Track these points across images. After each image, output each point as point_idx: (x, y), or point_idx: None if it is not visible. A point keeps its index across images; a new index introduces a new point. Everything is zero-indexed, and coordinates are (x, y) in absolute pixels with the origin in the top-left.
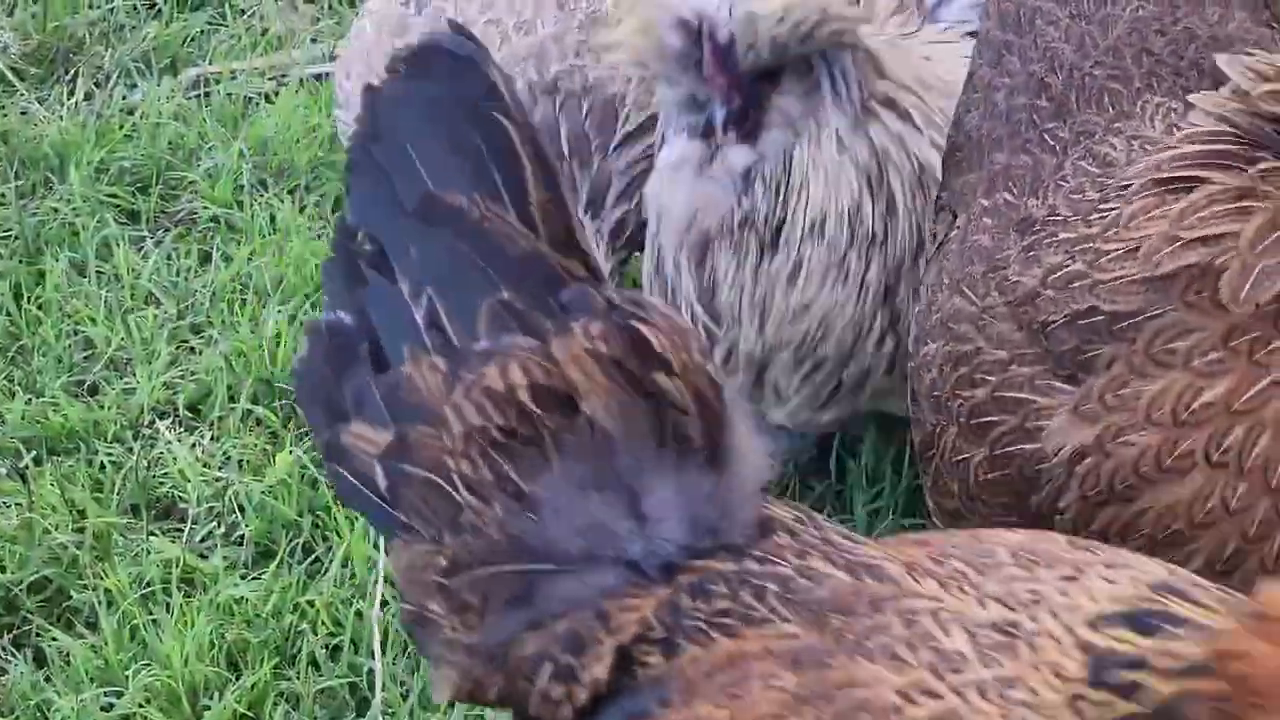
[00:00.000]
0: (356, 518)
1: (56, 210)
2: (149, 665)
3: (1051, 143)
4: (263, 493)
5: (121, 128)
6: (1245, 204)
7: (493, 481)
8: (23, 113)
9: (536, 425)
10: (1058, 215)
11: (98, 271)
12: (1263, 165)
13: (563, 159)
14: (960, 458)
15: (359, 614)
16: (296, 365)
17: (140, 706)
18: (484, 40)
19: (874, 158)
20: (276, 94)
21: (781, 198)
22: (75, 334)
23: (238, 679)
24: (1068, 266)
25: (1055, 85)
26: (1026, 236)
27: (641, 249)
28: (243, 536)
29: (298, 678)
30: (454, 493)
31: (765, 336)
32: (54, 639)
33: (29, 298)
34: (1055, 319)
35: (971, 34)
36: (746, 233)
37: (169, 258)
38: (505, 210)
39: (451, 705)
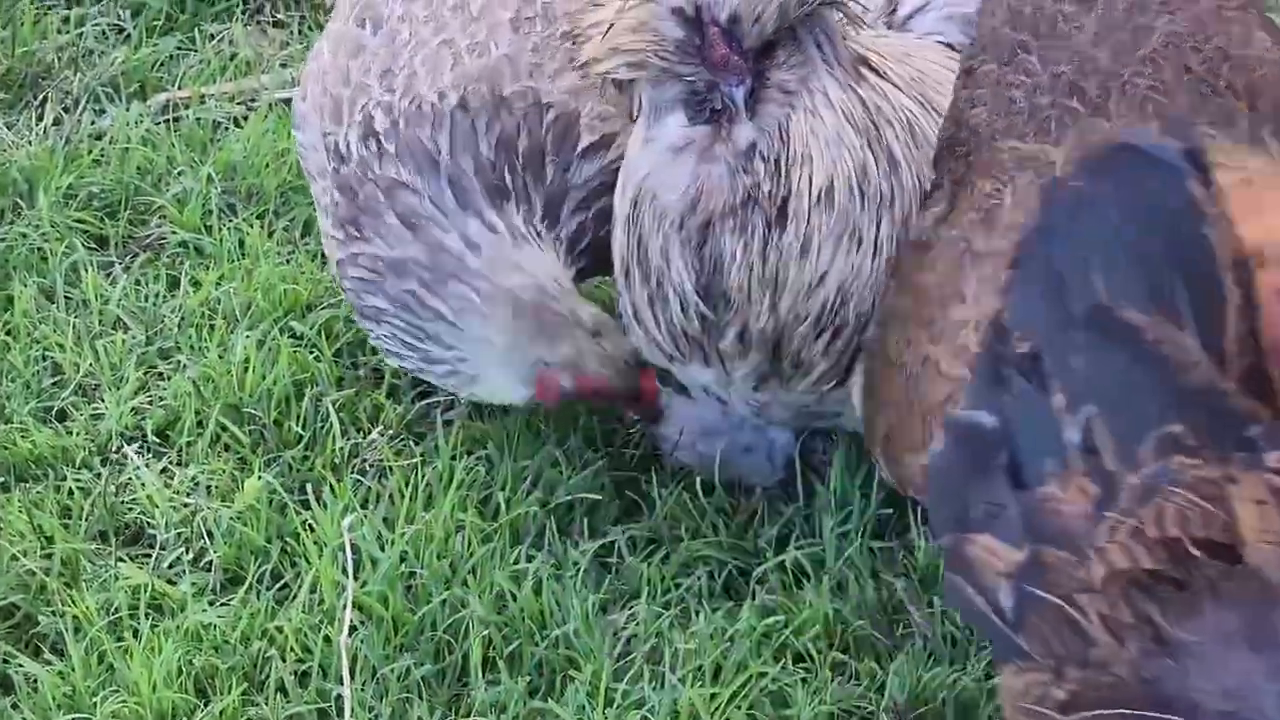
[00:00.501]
0: (325, 543)
1: (24, 236)
2: (117, 692)
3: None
4: (231, 518)
5: (90, 153)
6: None
7: (1132, 622)
8: None
9: (1191, 570)
10: None
11: (66, 297)
12: None
13: (515, 172)
14: None
15: (328, 640)
16: (935, 460)
17: None
18: (437, 61)
19: (869, 116)
20: (245, 119)
21: (784, 171)
22: (43, 360)
23: (206, 706)
24: None
25: (1090, 90)
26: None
27: (602, 266)
28: (211, 562)
29: (266, 704)
30: (1087, 626)
31: (780, 312)
32: (21, 666)
33: None
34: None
35: (945, 44)
36: (751, 211)
37: (137, 283)
38: (1188, 336)
39: None
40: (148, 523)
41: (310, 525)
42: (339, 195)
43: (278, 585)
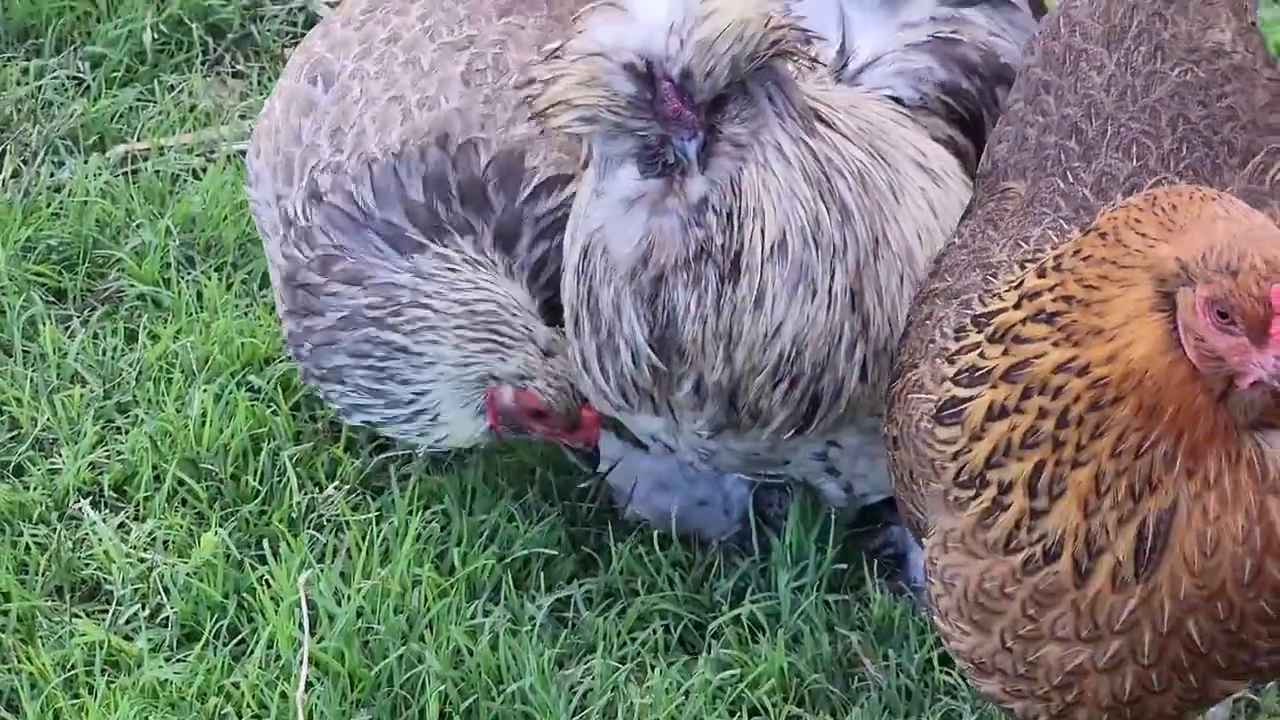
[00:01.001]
0: (282, 598)
1: None
2: None
3: (1068, 183)
4: (188, 574)
5: (49, 205)
6: None
7: None
8: None
9: None
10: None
11: (24, 350)
12: None
13: (452, 209)
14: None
15: (284, 696)
16: None
17: None
18: (386, 118)
19: (821, 168)
20: (204, 170)
21: (736, 224)
22: (1, 414)
23: None
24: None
25: (1089, 131)
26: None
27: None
28: (168, 618)
29: None
30: None
31: (735, 365)
32: None
33: None
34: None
35: (894, 99)
36: (704, 265)
37: (95, 336)
38: None
39: None
40: (104, 578)
41: (267, 580)
42: (286, 263)
43: (234, 641)
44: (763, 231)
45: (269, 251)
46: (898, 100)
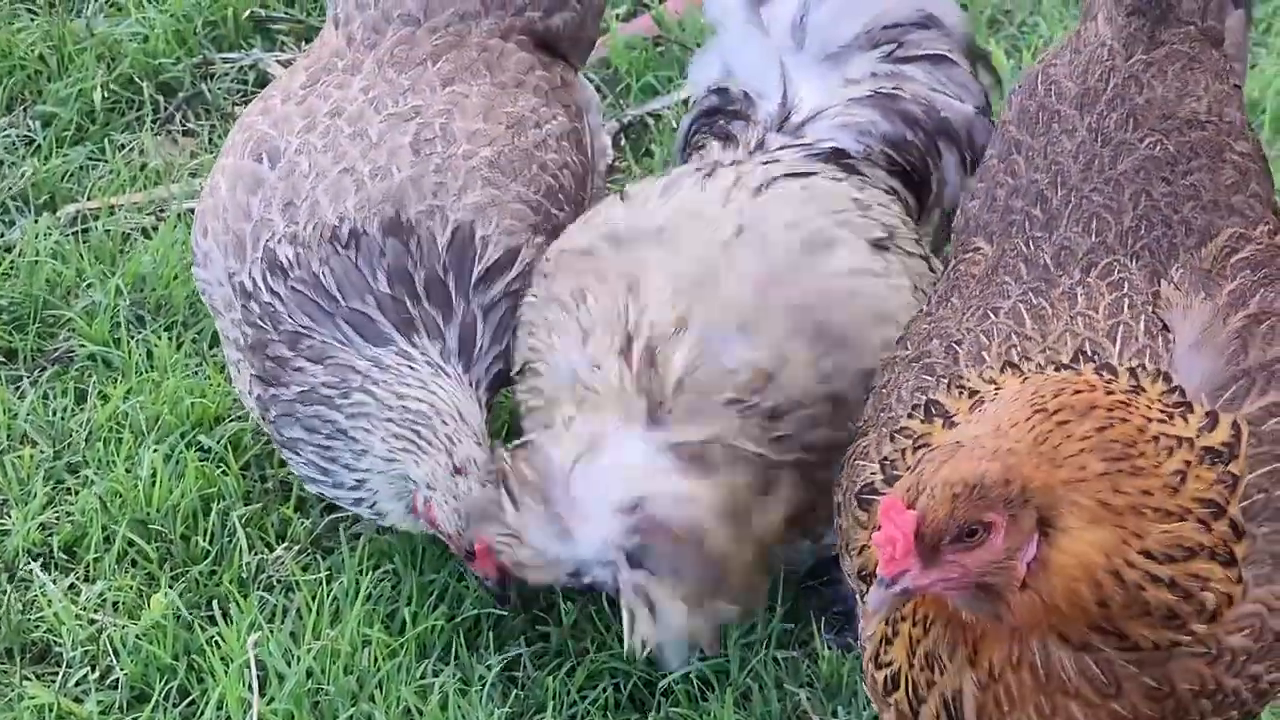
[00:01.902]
0: (231, 659)
1: None
2: None
3: (1030, 250)
4: (138, 636)
5: None
6: None
7: None
8: None
9: None
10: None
11: None
12: None
13: (420, 304)
14: None
15: None
16: None
17: None
18: (339, 190)
19: None
20: (155, 229)
21: None
22: None
23: None
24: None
25: (1053, 200)
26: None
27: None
28: (118, 680)
29: None
30: None
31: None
32: None
33: None
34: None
35: (837, 150)
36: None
37: (45, 397)
38: None
39: None
40: (54, 640)
41: (217, 641)
42: (252, 332)
43: (184, 702)
44: None
45: (222, 328)
46: (841, 151)
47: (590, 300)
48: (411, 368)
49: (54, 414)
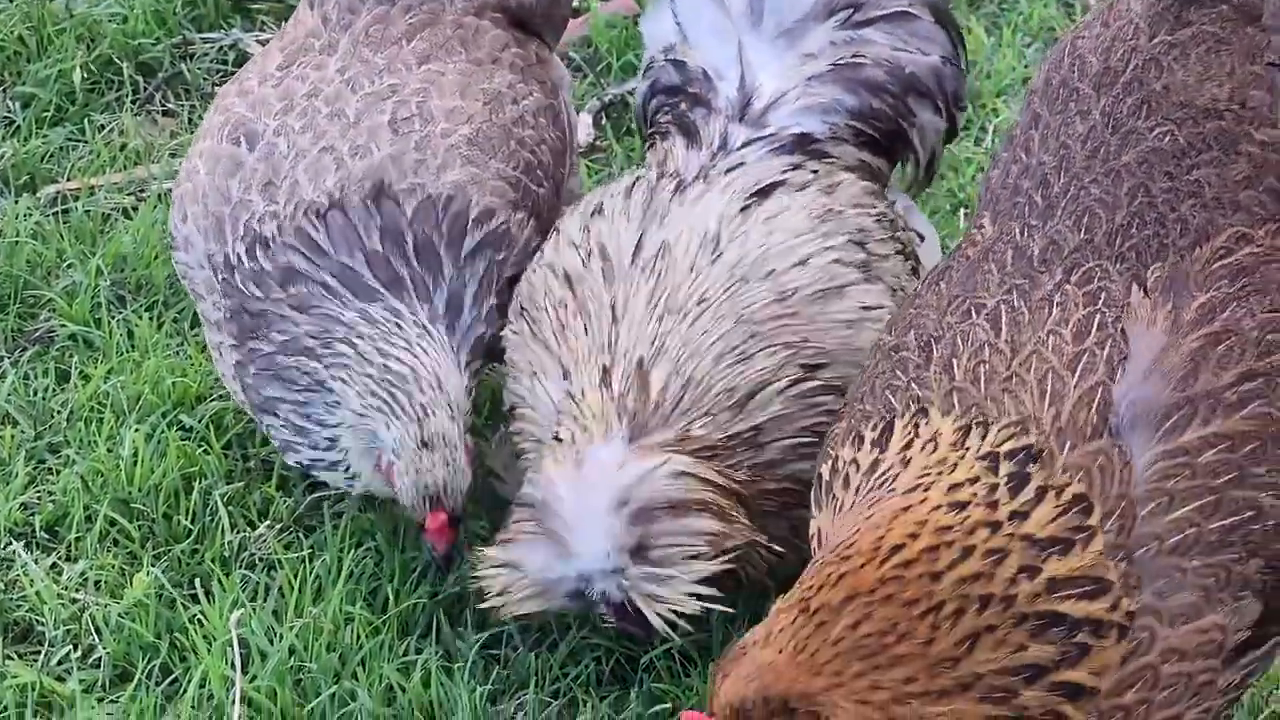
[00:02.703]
0: (214, 637)
1: None
2: None
3: (1024, 239)
4: (120, 614)
5: None
6: None
7: None
8: None
9: None
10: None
11: None
12: None
13: (411, 265)
14: None
15: None
16: None
17: None
18: (319, 169)
19: None
20: (135, 209)
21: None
22: None
23: None
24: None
25: (1054, 187)
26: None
27: (496, 359)
28: (100, 659)
29: None
30: None
31: None
32: None
33: None
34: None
35: (802, 136)
36: None
37: (26, 377)
38: None
39: None
40: (36, 620)
41: (199, 620)
42: (227, 301)
43: (167, 680)
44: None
45: (203, 311)
46: (807, 136)
47: (571, 338)
48: (399, 326)
49: (35, 394)
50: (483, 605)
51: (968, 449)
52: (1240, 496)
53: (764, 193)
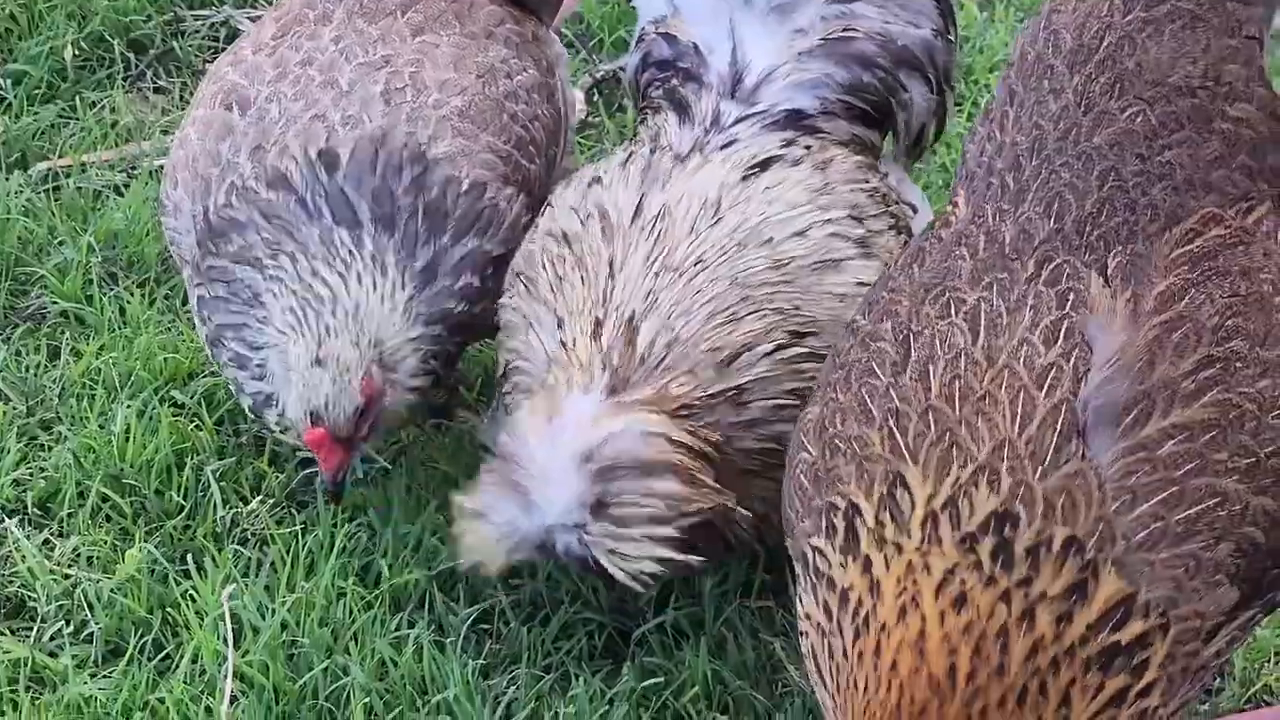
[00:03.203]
0: (206, 612)
1: None
2: None
3: (995, 223)
4: (112, 590)
5: None
6: None
7: None
8: None
9: None
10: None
11: None
12: None
13: (414, 216)
14: None
15: (209, 711)
16: None
17: None
18: (310, 135)
19: None
20: (126, 187)
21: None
22: None
23: None
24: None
25: (1026, 170)
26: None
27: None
28: (92, 634)
29: None
30: None
31: None
32: None
33: None
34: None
35: (794, 113)
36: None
37: (18, 354)
38: None
39: None
40: (28, 595)
41: (191, 595)
42: (208, 259)
43: (159, 656)
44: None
45: (187, 276)
46: (799, 113)
47: (568, 289)
48: (352, 255)
49: (27, 371)
50: (457, 559)
51: (940, 539)
52: (1203, 484)
53: (764, 165)
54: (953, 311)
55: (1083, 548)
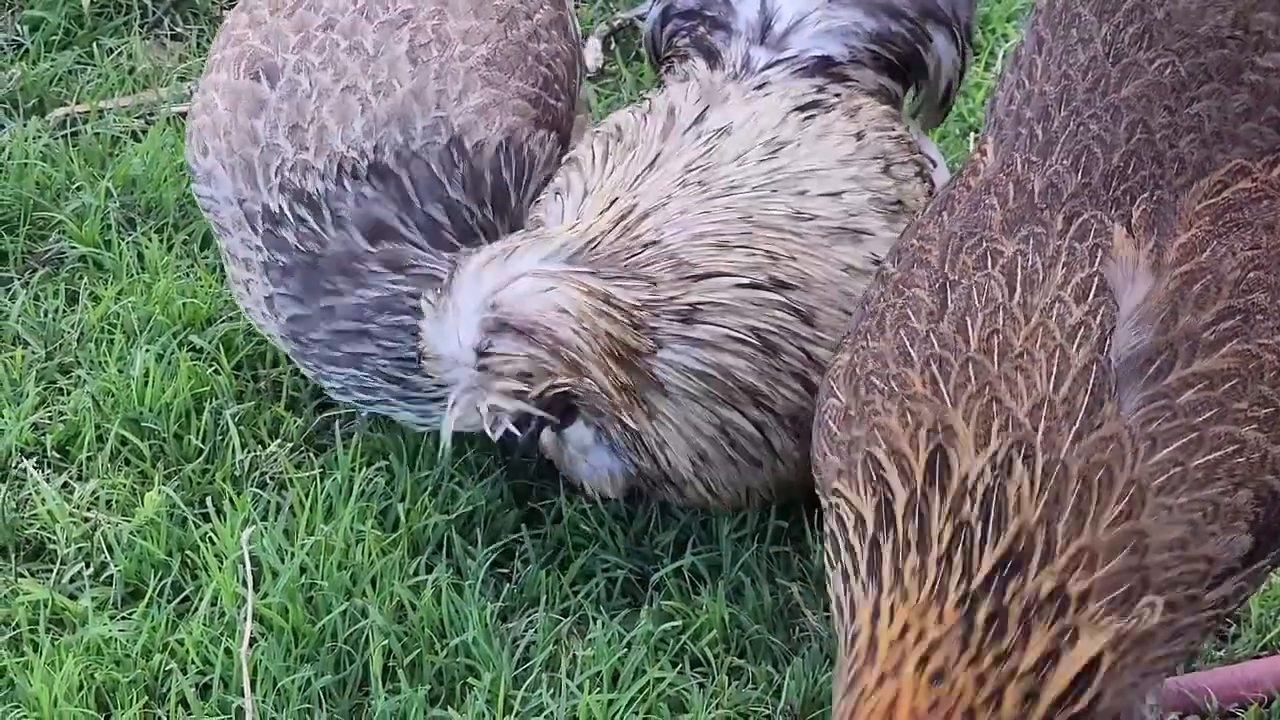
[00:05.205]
0: (225, 555)
1: None
2: (18, 707)
3: (1024, 173)
4: (132, 533)
5: None
6: None
7: None
8: None
9: None
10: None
11: None
12: None
13: (482, 204)
14: None
15: (229, 652)
16: None
17: None
18: (345, 111)
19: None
20: (144, 132)
21: (651, 457)
22: None
23: (107, 719)
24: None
25: (1055, 120)
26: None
27: None
28: (112, 576)
29: (168, 718)
30: None
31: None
32: None
33: None
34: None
35: (823, 59)
36: (651, 484)
37: (36, 298)
38: None
39: None
40: (48, 538)
41: (210, 538)
42: (280, 256)
43: (179, 598)
44: (675, 459)
45: (228, 245)
46: (828, 59)
47: (608, 167)
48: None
49: (45, 315)
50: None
51: (944, 594)
52: (1222, 432)
53: (813, 105)
54: (989, 263)
55: (1066, 607)
